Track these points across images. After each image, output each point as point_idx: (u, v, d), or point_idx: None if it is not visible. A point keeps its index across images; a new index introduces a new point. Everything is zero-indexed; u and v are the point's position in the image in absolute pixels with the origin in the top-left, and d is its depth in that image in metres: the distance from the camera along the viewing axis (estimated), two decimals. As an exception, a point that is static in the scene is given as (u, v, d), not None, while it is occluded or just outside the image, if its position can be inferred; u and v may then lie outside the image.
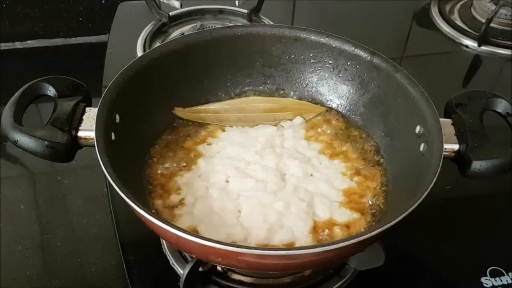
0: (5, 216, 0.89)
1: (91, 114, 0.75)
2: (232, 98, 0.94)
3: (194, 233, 0.66)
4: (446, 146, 0.71)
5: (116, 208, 0.86)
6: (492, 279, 0.79)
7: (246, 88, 0.95)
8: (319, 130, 0.90)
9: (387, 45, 1.34)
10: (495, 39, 1.29)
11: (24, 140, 0.70)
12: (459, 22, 1.37)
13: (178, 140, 0.87)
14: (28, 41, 1.33)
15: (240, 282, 0.76)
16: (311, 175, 0.81)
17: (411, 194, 0.65)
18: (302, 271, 0.78)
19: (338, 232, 0.73)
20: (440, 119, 0.74)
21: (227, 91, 0.94)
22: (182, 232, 0.59)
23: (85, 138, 0.73)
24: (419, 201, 0.61)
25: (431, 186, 0.63)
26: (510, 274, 0.80)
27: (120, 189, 0.62)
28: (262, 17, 1.31)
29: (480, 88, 0.82)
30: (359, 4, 1.49)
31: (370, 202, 0.78)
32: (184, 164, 0.82)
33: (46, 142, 0.70)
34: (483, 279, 0.79)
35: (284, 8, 1.48)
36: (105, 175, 0.63)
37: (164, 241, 0.80)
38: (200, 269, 0.72)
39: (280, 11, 1.45)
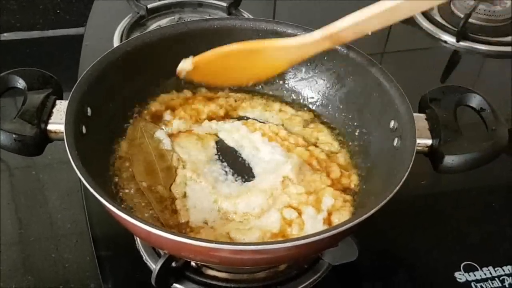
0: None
1: (61, 107, 0.73)
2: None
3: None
4: (419, 141, 0.71)
5: (89, 203, 0.85)
6: (466, 274, 0.80)
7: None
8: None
9: (368, 41, 1.32)
10: (474, 34, 1.30)
11: (-9, 133, 0.69)
12: (438, 18, 1.38)
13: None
14: (5, 34, 1.31)
15: (214, 278, 0.76)
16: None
17: (385, 188, 0.65)
18: (276, 266, 0.77)
19: None
20: (414, 114, 0.74)
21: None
22: (152, 227, 0.58)
23: (55, 132, 0.72)
24: (389, 197, 0.61)
25: (402, 181, 0.63)
26: (484, 269, 0.80)
27: (89, 183, 0.61)
28: (242, 11, 1.30)
29: (459, 84, 0.82)
30: (341, 0, 1.49)
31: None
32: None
33: (14, 135, 0.69)
34: (457, 274, 0.80)
35: (265, 2, 1.47)
36: (76, 169, 0.63)
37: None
38: (173, 264, 0.72)
39: (261, 5, 1.44)
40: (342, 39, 0.74)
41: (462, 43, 1.29)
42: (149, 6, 1.26)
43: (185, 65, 0.80)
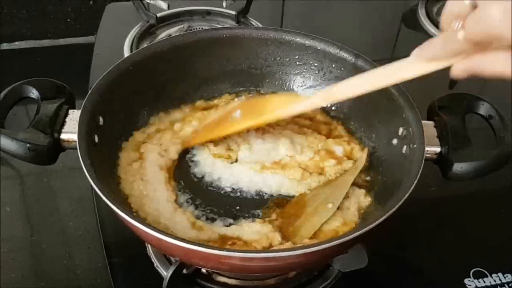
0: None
1: (74, 117, 0.75)
2: (215, 98, 0.94)
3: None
4: (428, 148, 0.72)
5: (100, 210, 0.86)
6: (476, 281, 0.80)
7: (231, 90, 0.95)
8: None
9: (376, 47, 1.34)
10: (482, 41, 1.30)
11: (6, 142, 0.70)
12: (446, 24, 1.38)
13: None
14: (16, 42, 1.33)
15: (224, 285, 0.76)
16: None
17: (394, 196, 0.66)
18: (286, 273, 0.78)
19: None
20: (423, 121, 0.74)
21: (213, 92, 0.94)
22: (164, 235, 0.59)
23: (68, 141, 0.73)
24: (399, 204, 0.62)
25: (411, 188, 0.64)
26: (493, 275, 0.80)
27: (102, 192, 0.62)
28: (251, 18, 1.31)
29: (467, 90, 0.83)
30: (348, 6, 1.50)
31: None
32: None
33: (28, 145, 0.70)
34: (466, 281, 0.80)
35: (273, 10, 1.48)
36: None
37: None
38: (184, 271, 0.72)
39: (269, 13, 1.45)
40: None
41: (470, 49, 1.29)
42: (158, 15, 1.26)
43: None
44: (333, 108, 0.92)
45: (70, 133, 0.73)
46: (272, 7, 1.49)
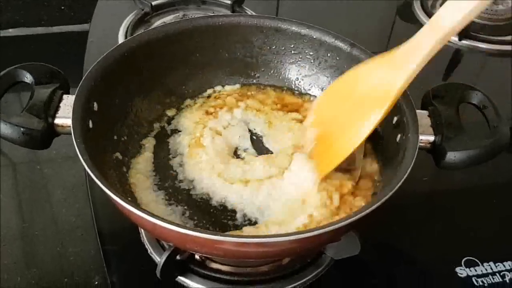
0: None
1: (68, 102, 0.74)
2: (212, 87, 0.94)
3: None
4: (421, 137, 0.72)
5: (94, 197, 0.86)
6: (467, 269, 0.81)
7: (226, 78, 0.95)
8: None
9: (371, 39, 1.35)
10: (476, 33, 1.31)
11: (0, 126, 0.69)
12: (440, 16, 1.38)
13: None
14: (10, 30, 1.31)
15: (218, 271, 0.77)
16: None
17: (387, 184, 0.66)
18: (280, 260, 0.78)
19: None
20: (417, 110, 0.75)
21: (207, 81, 0.94)
22: (159, 219, 0.59)
23: (62, 126, 0.73)
24: (393, 191, 0.62)
25: (405, 176, 0.64)
26: (484, 264, 0.81)
27: (96, 177, 0.62)
28: (246, 8, 1.31)
29: (461, 82, 0.83)
30: (343, -1, 1.51)
31: None
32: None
33: (22, 129, 0.70)
34: (458, 269, 0.81)
35: (268, 1, 1.47)
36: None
37: (142, 229, 0.81)
38: (178, 257, 0.72)
39: (264, 3, 1.45)
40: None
41: (464, 42, 1.30)
42: (153, 3, 1.26)
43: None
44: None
45: (64, 118, 0.73)
46: (267, -1, 1.49)
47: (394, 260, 0.83)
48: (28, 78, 0.76)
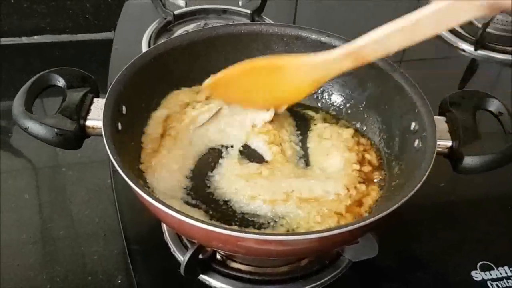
0: (8, 206, 0.90)
1: (98, 105, 0.77)
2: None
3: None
4: (439, 142, 0.74)
5: (119, 199, 0.88)
6: (482, 273, 0.82)
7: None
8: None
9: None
10: (492, 44, 1.32)
11: (34, 127, 0.73)
12: (457, 27, 1.39)
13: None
14: (35, 37, 1.35)
15: (238, 270, 0.79)
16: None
17: (406, 187, 0.68)
18: (299, 261, 0.80)
19: None
20: (435, 117, 0.76)
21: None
22: (184, 216, 0.61)
23: (93, 127, 0.76)
24: (409, 195, 0.64)
25: (423, 179, 0.66)
26: (499, 268, 0.82)
27: (126, 175, 0.65)
28: (265, 17, 1.33)
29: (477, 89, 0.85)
30: (360, 7, 1.52)
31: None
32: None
33: (55, 130, 0.73)
34: (473, 273, 0.82)
35: (287, 9, 1.50)
36: (109, 166, 0.65)
37: (165, 229, 0.83)
38: (200, 256, 0.75)
39: (282, 12, 1.48)
40: (364, 57, 0.75)
41: (480, 52, 1.32)
42: (175, 12, 1.30)
43: (207, 81, 0.85)
44: (345, 103, 0.94)
45: (95, 120, 0.76)
46: (285, 7, 1.51)
47: (410, 264, 0.84)
48: (60, 82, 0.79)
